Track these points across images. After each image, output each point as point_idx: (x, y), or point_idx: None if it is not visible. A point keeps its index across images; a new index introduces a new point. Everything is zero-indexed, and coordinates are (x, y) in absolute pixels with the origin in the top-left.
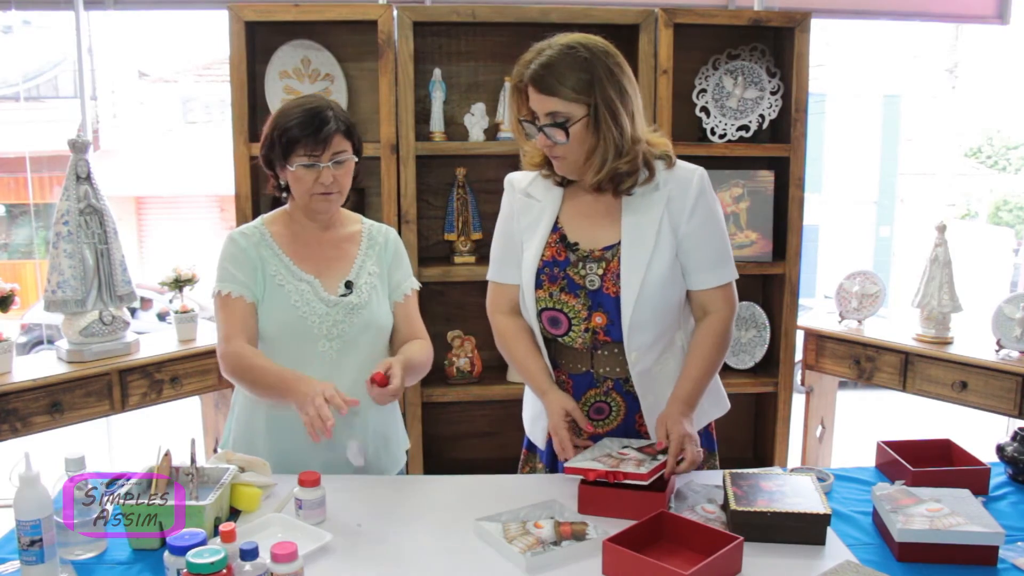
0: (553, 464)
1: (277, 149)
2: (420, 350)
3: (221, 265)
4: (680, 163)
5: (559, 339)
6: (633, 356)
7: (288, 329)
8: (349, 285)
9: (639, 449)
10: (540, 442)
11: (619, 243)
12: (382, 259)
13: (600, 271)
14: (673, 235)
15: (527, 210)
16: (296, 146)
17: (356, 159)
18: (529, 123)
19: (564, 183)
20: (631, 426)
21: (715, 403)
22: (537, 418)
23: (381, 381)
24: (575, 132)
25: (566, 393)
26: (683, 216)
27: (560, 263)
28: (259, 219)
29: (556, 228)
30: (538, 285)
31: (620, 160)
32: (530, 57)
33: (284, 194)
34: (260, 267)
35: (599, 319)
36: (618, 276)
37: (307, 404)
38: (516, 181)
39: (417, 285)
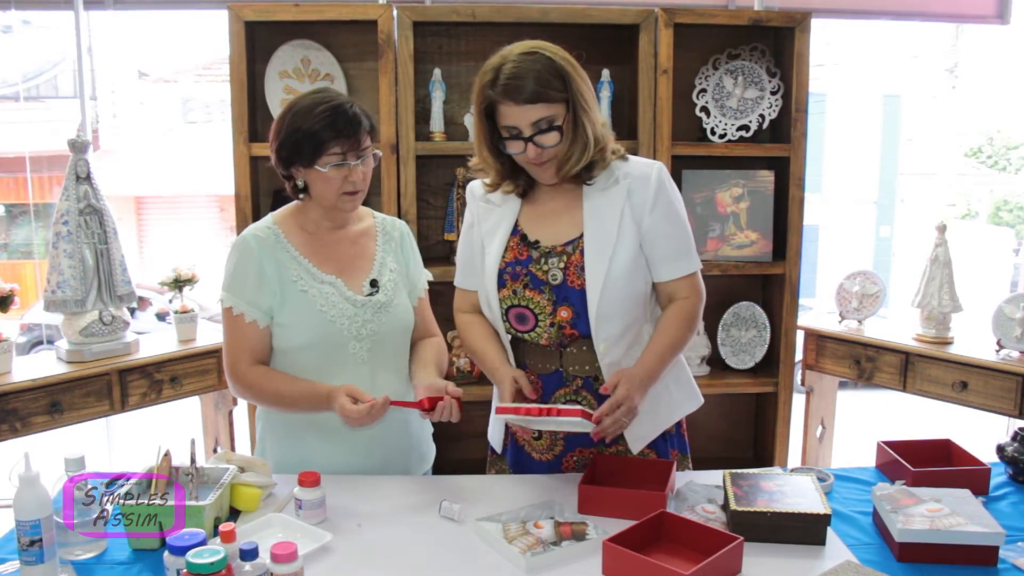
0: (518, 466)
1: (304, 151)
2: (440, 353)
3: (231, 271)
4: (635, 158)
5: (526, 336)
6: (602, 347)
7: (318, 334)
8: (375, 284)
9: (567, 402)
10: (497, 445)
11: (580, 236)
12: (400, 255)
13: (562, 265)
14: (636, 227)
15: (487, 215)
16: (327, 147)
17: (379, 153)
18: (511, 140)
19: (523, 193)
20: None
21: (688, 397)
22: (496, 422)
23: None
24: (564, 131)
25: (517, 369)
26: (645, 209)
27: (522, 261)
28: (269, 218)
29: (516, 230)
30: (502, 284)
31: (596, 149)
32: (491, 76)
33: (302, 195)
34: (277, 275)
35: (565, 313)
36: (581, 269)
37: (346, 417)
38: (476, 189)
39: (430, 276)
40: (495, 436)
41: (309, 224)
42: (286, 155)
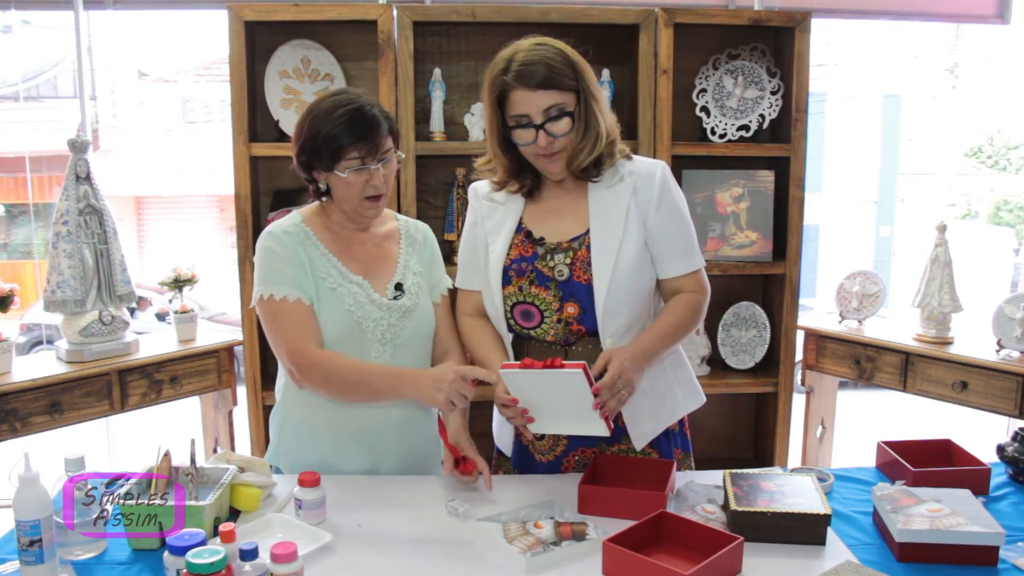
0: (523, 467)
1: (323, 155)
2: None
3: (265, 266)
4: (639, 157)
5: (531, 333)
6: (608, 343)
7: (344, 335)
8: (399, 287)
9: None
10: (506, 448)
11: (586, 232)
12: (422, 258)
13: (568, 260)
14: (642, 224)
15: (491, 214)
16: (346, 151)
17: (401, 155)
18: (523, 128)
19: (528, 193)
20: (614, 423)
21: (690, 395)
22: (502, 425)
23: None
24: (575, 120)
25: None
26: (650, 207)
27: (527, 258)
28: (296, 216)
29: (520, 228)
30: (507, 282)
31: (607, 141)
32: (503, 65)
33: (324, 198)
34: (309, 268)
35: (571, 309)
36: (588, 264)
37: (443, 386)
38: (479, 188)
39: (451, 283)
40: (502, 439)
41: (334, 224)
42: (306, 159)
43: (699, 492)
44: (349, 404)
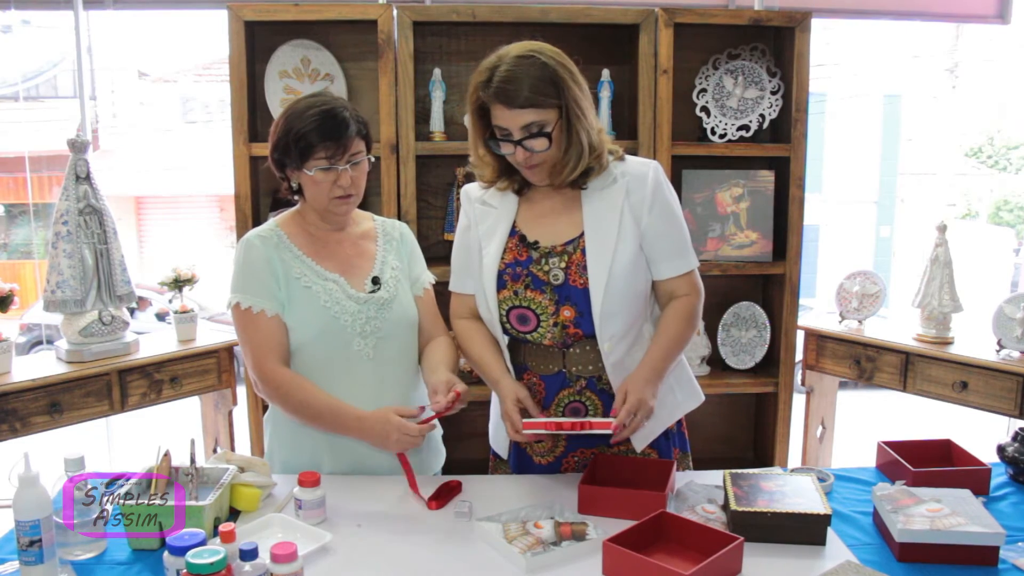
0: (520, 469)
1: (293, 153)
2: (449, 351)
3: (239, 272)
4: (631, 157)
5: (528, 336)
6: (607, 346)
7: (322, 331)
8: (376, 281)
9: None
10: (502, 450)
11: (580, 236)
12: (400, 253)
13: (563, 264)
14: (636, 225)
15: (484, 217)
16: (314, 150)
17: (372, 159)
18: (503, 140)
19: (519, 191)
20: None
21: (689, 395)
22: (499, 427)
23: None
24: (553, 138)
25: (519, 383)
26: (643, 208)
27: (522, 262)
28: (272, 222)
29: (514, 231)
30: (502, 286)
31: (591, 156)
32: (485, 76)
33: (296, 196)
34: (282, 272)
35: (568, 312)
36: (583, 268)
37: (389, 439)
38: (472, 192)
39: (433, 279)
40: (499, 442)
41: (310, 226)
42: (278, 156)
43: (699, 492)
44: None
